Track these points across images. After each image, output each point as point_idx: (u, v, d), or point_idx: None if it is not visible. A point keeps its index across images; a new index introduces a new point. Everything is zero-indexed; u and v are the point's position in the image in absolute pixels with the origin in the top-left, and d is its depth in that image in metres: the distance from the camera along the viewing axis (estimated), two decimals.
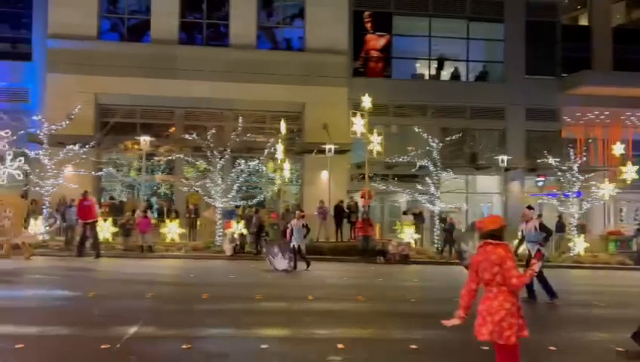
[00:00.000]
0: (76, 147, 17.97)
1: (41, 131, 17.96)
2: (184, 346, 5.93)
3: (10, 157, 16.44)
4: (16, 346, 5.77)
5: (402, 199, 23.82)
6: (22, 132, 18.04)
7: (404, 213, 21.93)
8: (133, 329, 6.67)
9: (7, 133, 13.41)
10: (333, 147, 20.02)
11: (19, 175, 17.05)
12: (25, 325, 6.87)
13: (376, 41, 24.58)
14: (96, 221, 15.67)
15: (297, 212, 15.47)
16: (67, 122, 18.12)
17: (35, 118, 18.54)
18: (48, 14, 20.86)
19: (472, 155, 23.71)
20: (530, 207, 10.51)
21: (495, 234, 4.18)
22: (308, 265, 13.93)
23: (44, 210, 17.84)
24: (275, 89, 21.41)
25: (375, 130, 20.02)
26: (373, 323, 7.83)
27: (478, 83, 25.57)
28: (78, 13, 20.87)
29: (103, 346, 5.82)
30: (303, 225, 14.05)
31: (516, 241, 10.57)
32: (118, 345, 5.94)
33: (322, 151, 20.24)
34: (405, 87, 23.96)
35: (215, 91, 21.16)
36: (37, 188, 18.13)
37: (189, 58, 21.54)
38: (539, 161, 21.45)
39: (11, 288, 10.06)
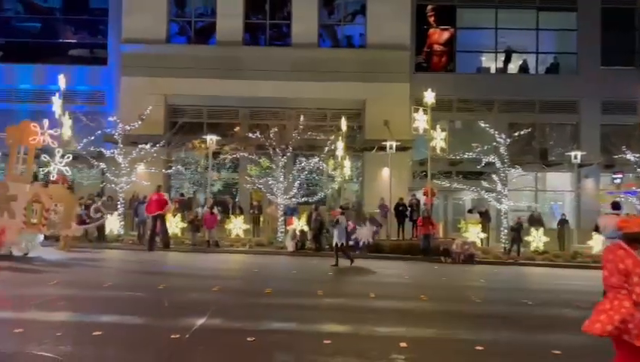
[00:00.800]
0: (148, 146, 18.91)
1: (116, 131, 19.02)
2: (249, 339, 6.08)
3: (60, 154, 17.56)
4: (94, 333, 6.15)
5: (467, 197, 23.16)
6: (99, 132, 19.21)
7: (469, 211, 21.30)
8: (200, 321, 6.92)
9: (56, 131, 14.29)
10: (394, 144, 19.78)
11: (67, 171, 18.17)
12: (102, 314, 7.31)
13: (439, 35, 24.06)
14: (165, 214, 16.38)
15: (337, 209, 15.59)
16: (139, 122, 19.09)
17: (110, 119, 19.66)
18: (122, 21, 22.03)
19: (542, 151, 22.62)
20: (615, 206, 10.18)
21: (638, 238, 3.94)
22: (337, 263, 13.87)
23: (120, 206, 18.89)
24: (335, 86, 21.49)
25: (438, 126, 19.59)
26: (436, 322, 7.67)
27: (548, 75, 24.41)
28: (149, 19, 21.90)
29: (173, 336, 6.08)
30: (337, 220, 14.23)
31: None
32: (187, 335, 6.18)
33: (383, 148, 20.06)
34: (470, 81, 23.29)
35: (278, 90, 21.54)
36: (112, 185, 19.25)
37: (253, 58, 22.06)
38: (616, 156, 20.16)
39: (89, 280, 10.71)
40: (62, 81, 19.09)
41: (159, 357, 5.52)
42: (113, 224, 18.40)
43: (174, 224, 18.22)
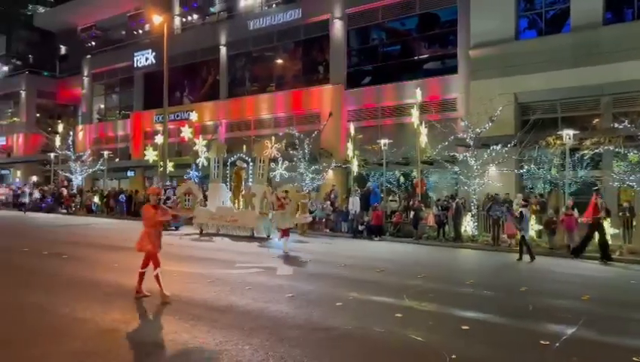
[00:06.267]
0: (498, 147, 18.82)
1: (468, 135, 19.64)
2: (635, 358, 5.25)
3: (281, 161, 21.96)
4: (462, 327, 6.47)
5: None
6: (452, 138, 20.28)
7: None
8: (570, 330, 6.42)
9: (280, 144, 17.96)
10: None
11: (287, 174, 22.21)
12: (466, 309, 7.62)
13: None
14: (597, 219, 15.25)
15: (522, 201, 15.23)
16: (489, 124, 19.19)
17: (461, 123, 20.48)
18: (470, 27, 22.67)
19: None
20: None
21: None
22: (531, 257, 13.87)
23: (473, 207, 19.44)
24: None
25: None
26: None
27: None
28: (497, 20, 21.76)
29: (542, 341, 5.83)
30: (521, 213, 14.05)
31: None
32: (557, 344, 5.82)
33: None
34: None
35: None
36: (465, 187, 19.97)
37: (616, 38, 19.16)
38: None
39: (450, 276, 11.35)
40: (418, 95, 21.10)
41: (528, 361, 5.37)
42: (467, 224, 19.04)
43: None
